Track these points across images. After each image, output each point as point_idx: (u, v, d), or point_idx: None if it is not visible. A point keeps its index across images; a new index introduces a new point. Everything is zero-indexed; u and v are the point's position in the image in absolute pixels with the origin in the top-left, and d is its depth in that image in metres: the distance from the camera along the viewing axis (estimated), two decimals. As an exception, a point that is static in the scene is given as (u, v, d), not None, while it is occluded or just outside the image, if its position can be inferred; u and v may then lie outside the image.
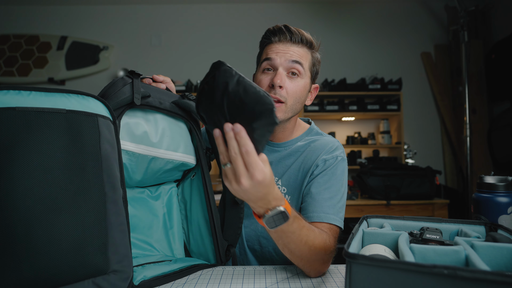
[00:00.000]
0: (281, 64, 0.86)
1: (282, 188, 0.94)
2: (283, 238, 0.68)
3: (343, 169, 0.90)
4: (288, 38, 0.87)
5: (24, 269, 0.53)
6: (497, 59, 2.95)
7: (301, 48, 0.88)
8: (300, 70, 0.87)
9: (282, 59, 0.86)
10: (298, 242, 0.69)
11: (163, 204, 0.95)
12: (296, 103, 0.88)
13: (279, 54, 0.86)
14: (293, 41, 0.87)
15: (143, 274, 0.73)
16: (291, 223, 0.65)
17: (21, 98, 0.56)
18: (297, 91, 0.87)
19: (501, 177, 0.81)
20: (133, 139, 0.77)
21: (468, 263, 0.51)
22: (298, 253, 0.71)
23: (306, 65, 0.89)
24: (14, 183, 0.53)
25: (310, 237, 0.70)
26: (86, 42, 3.41)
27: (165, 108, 0.82)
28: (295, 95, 0.87)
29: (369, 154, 3.40)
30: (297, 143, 0.97)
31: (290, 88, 0.86)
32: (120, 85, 0.74)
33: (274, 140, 0.98)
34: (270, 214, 0.61)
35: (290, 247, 0.70)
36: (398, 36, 3.49)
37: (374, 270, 0.45)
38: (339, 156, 0.90)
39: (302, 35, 0.88)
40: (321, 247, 0.73)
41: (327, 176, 0.87)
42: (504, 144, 2.77)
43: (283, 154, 0.96)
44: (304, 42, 0.89)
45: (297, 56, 0.87)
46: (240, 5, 3.51)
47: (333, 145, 0.93)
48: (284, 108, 0.87)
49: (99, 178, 0.61)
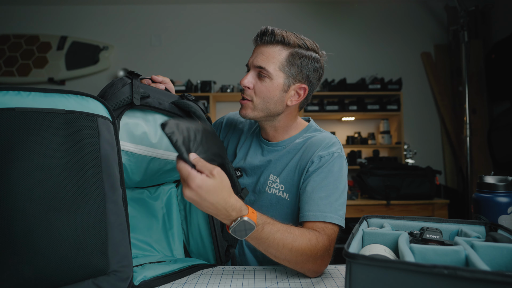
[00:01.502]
0: (251, 66, 0.90)
1: (280, 185, 0.93)
2: (260, 244, 0.72)
3: (341, 165, 0.89)
4: (258, 41, 0.90)
5: (24, 269, 0.53)
6: (497, 59, 2.95)
7: (272, 47, 0.88)
8: (265, 73, 0.87)
9: (252, 61, 0.90)
10: (276, 246, 0.71)
11: (162, 204, 0.94)
12: (266, 103, 0.89)
13: (252, 56, 0.90)
14: (263, 42, 0.89)
15: (143, 274, 0.73)
16: (261, 230, 0.70)
17: (21, 98, 0.56)
18: (264, 91, 0.89)
19: (501, 177, 0.81)
20: (133, 139, 0.77)
21: (468, 263, 0.51)
22: (282, 256, 0.73)
23: (275, 66, 0.87)
24: (13, 183, 0.53)
25: (287, 239, 0.72)
26: (86, 42, 3.41)
27: (164, 108, 0.82)
28: (262, 95, 0.89)
29: (369, 154, 3.40)
30: (295, 140, 0.97)
31: (257, 88, 0.89)
32: (120, 85, 0.74)
33: (271, 139, 0.99)
34: (233, 225, 0.67)
35: (271, 252, 0.73)
36: (398, 36, 3.48)
37: (374, 270, 0.45)
38: (335, 153, 0.89)
39: (273, 34, 0.87)
40: (304, 248, 0.73)
41: (323, 173, 0.86)
42: (504, 144, 2.77)
43: (282, 153, 0.96)
44: (275, 41, 0.87)
45: (263, 58, 0.87)
46: (240, 5, 3.51)
47: (329, 141, 0.92)
48: (252, 105, 0.90)
49: (98, 178, 0.61)
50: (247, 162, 1.00)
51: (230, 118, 1.14)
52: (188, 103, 0.86)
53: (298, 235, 0.74)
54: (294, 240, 0.73)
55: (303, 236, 0.75)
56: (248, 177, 1.00)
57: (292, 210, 0.92)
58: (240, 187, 0.94)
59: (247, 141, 1.05)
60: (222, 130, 1.13)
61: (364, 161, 3.14)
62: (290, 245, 0.72)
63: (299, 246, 0.73)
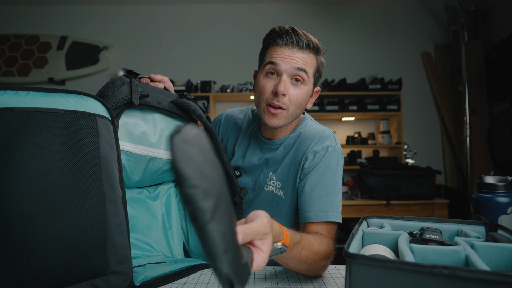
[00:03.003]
0: (286, 71, 0.83)
1: (276, 182, 0.92)
2: (282, 260, 0.67)
3: (337, 159, 0.87)
4: (294, 43, 0.83)
5: (23, 270, 0.53)
6: (497, 59, 2.95)
7: (307, 54, 0.84)
8: (304, 78, 0.84)
9: (287, 65, 0.83)
10: (297, 262, 0.68)
11: (161, 204, 0.94)
12: (297, 109, 0.87)
13: (285, 59, 0.83)
14: (300, 46, 0.83)
15: (144, 275, 0.73)
16: (290, 251, 0.64)
17: (19, 98, 0.56)
18: (299, 99, 0.85)
19: (501, 177, 0.81)
20: (132, 139, 0.77)
21: (468, 263, 0.50)
22: (298, 268, 0.71)
23: (311, 72, 0.86)
24: (12, 184, 0.53)
25: (310, 256, 0.69)
26: (86, 42, 3.41)
27: (163, 107, 0.81)
28: (297, 102, 0.86)
29: (369, 154, 3.40)
30: (290, 135, 0.95)
31: (293, 95, 0.84)
32: (118, 84, 0.74)
33: (272, 138, 0.97)
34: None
35: (290, 266, 0.70)
36: (398, 36, 3.48)
37: (374, 270, 0.45)
38: (330, 146, 0.87)
39: (310, 40, 0.84)
40: (321, 259, 0.72)
41: (320, 170, 0.85)
42: (504, 144, 2.77)
43: (278, 150, 0.95)
44: (311, 47, 0.84)
45: (303, 63, 0.83)
46: (240, 5, 3.51)
47: (322, 134, 0.89)
48: (286, 114, 0.86)
49: (97, 178, 0.61)
50: (246, 161, 0.99)
51: (228, 115, 1.13)
52: (187, 102, 0.85)
53: (317, 247, 0.71)
54: (315, 254, 0.70)
55: (321, 247, 0.72)
56: (247, 175, 0.99)
57: (286, 208, 0.91)
58: (239, 187, 0.94)
59: (246, 139, 1.04)
60: (221, 127, 1.12)
61: (364, 161, 3.14)
62: (311, 260, 0.70)
63: (318, 259, 0.71)
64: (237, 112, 1.12)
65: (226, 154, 1.09)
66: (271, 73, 0.85)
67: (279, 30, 0.85)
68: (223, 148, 1.07)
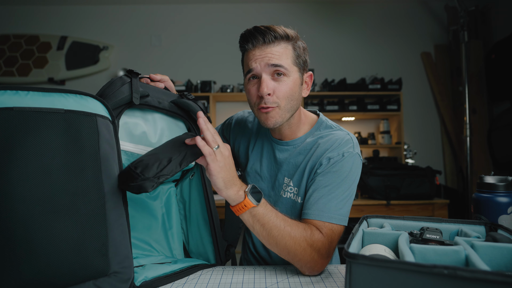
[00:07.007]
0: (262, 71, 0.83)
1: (294, 189, 0.91)
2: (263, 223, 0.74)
3: (351, 164, 0.85)
4: (261, 41, 0.83)
5: (24, 271, 0.52)
6: (497, 59, 2.95)
7: (277, 45, 0.83)
8: (282, 71, 0.83)
9: (261, 64, 0.82)
10: (278, 228, 0.74)
11: (161, 204, 0.94)
12: (290, 102, 0.86)
13: (258, 60, 0.83)
14: (267, 42, 0.83)
15: (144, 275, 0.73)
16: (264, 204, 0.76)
17: (19, 98, 0.56)
18: (287, 91, 0.84)
19: (501, 177, 0.81)
20: (132, 139, 0.77)
21: (468, 263, 0.51)
22: (283, 242, 0.75)
23: (288, 62, 0.84)
24: (12, 185, 0.53)
25: (287, 225, 0.76)
26: (86, 42, 3.41)
27: (164, 107, 0.81)
28: (286, 95, 0.84)
29: (369, 154, 3.40)
30: (307, 139, 0.93)
31: (278, 90, 0.84)
32: (119, 84, 0.74)
33: (283, 139, 0.95)
34: (247, 189, 0.74)
35: (273, 234, 0.75)
36: (398, 36, 3.48)
37: (374, 270, 0.45)
38: (346, 152, 0.85)
39: (275, 31, 0.83)
40: (300, 235, 0.75)
41: (330, 174, 0.84)
42: (504, 144, 2.77)
43: (294, 153, 0.93)
44: (279, 38, 0.83)
45: (276, 57, 0.82)
46: (240, 5, 3.51)
47: (341, 140, 0.88)
48: (279, 111, 0.85)
49: (98, 178, 0.61)
50: (264, 166, 0.98)
51: (238, 118, 1.11)
52: (187, 102, 0.85)
53: (293, 222, 0.78)
54: (291, 225, 0.76)
55: (298, 225, 0.78)
56: (263, 181, 0.98)
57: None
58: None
59: (258, 142, 1.02)
60: (231, 132, 1.10)
61: (364, 161, 3.13)
62: (289, 228, 0.75)
63: (296, 233, 0.75)
64: (246, 114, 1.11)
65: (239, 159, 1.08)
66: (253, 77, 0.86)
67: (244, 34, 0.85)
68: (236, 153, 1.08)
